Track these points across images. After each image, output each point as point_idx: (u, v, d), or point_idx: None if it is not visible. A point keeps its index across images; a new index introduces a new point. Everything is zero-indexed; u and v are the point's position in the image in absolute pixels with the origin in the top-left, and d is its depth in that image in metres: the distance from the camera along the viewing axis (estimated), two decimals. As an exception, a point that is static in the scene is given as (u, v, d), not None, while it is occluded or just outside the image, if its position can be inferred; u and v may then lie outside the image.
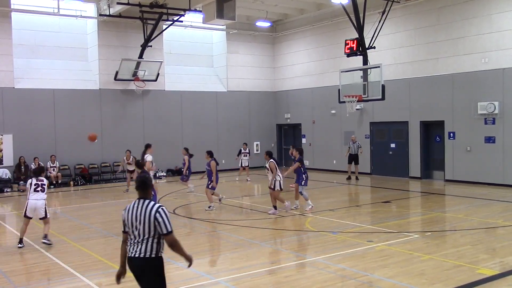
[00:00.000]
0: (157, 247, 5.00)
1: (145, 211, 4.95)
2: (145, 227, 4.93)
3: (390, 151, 21.02)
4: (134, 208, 5.03)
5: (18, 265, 8.74)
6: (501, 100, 17.03)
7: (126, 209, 5.11)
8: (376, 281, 7.43)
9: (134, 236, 5.00)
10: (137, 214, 4.97)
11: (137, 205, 5.03)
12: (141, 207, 4.99)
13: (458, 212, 12.95)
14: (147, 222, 4.93)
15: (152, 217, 4.93)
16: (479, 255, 8.73)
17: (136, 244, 4.98)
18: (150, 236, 4.95)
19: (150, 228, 4.94)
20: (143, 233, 4.94)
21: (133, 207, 5.04)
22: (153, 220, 4.92)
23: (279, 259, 8.69)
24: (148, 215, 4.94)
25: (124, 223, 5.10)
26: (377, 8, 18.77)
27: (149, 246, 4.96)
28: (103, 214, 13.97)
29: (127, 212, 5.07)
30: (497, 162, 17.30)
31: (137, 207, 5.02)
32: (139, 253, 4.95)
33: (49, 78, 20.83)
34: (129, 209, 5.07)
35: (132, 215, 5.01)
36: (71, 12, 21.39)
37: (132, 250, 5.00)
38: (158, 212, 4.94)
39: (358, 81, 17.31)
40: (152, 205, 5.00)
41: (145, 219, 4.94)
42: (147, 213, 4.94)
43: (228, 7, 18.12)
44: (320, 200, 15.31)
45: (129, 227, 5.03)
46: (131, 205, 5.09)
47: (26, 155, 19.48)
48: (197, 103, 24.15)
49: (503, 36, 16.95)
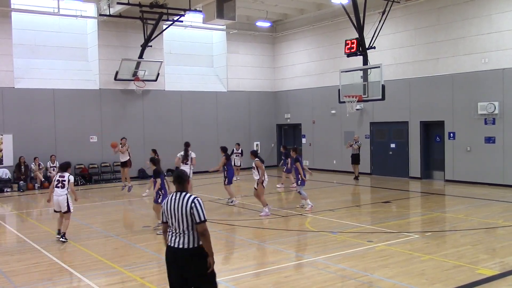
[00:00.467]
0: (199, 237, 5.24)
1: (183, 203, 5.25)
2: (184, 218, 5.22)
3: (390, 151, 21.01)
4: (173, 201, 5.33)
5: (18, 265, 8.74)
6: (501, 100, 17.03)
7: (165, 201, 5.42)
8: (376, 281, 7.43)
9: (175, 228, 5.28)
10: (176, 206, 5.27)
11: (176, 198, 5.33)
12: (179, 199, 5.29)
13: (458, 212, 12.95)
14: (185, 213, 5.22)
15: (189, 207, 5.22)
16: (479, 255, 8.73)
17: (178, 236, 5.25)
18: (191, 228, 5.22)
19: (188, 219, 5.21)
20: (183, 224, 5.22)
21: (172, 200, 5.35)
22: (189, 210, 5.21)
23: (279, 259, 8.69)
24: (185, 206, 5.22)
25: (164, 214, 5.39)
26: (377, 8, 18.77)
27: (191, 237, 5.22)
28: (103, 214, 13.97)
29: (166, 204, 5.38)
30: (497, 162, 17.30)
31: (175, 199, 5.32)
32: (182, 244, 5.20)
33: (49, 78, 20.83)
34: (168, 201, 5.37)
35: (171, 207, 5.30)
36: (71, 12, 21.39)
37: (175, 241, 5.25)
38: (193, 202, 5.24)
39: (358, 81, 17.30)
40: (189, 196, 5.31)
41: (183, 211, 5.22)
42: (184, 205, 5.23)
43: (228, 7, 18.12)
44: (320, 200, 15.31)
45: (169, 218, 5.32)
46: (170, 198, 5.40)
47: (26, 155, 19.48)
48: (197, 103, 24.15)
49: (503, 36, 16.96)
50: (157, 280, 7.68)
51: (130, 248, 9.82)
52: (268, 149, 26.32)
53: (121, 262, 8.76)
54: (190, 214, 5.20)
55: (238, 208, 14.35)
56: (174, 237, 5.27)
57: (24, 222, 13.41)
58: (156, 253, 9.33)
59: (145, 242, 10.28)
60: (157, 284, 7.47)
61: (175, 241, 5.24)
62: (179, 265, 5.23)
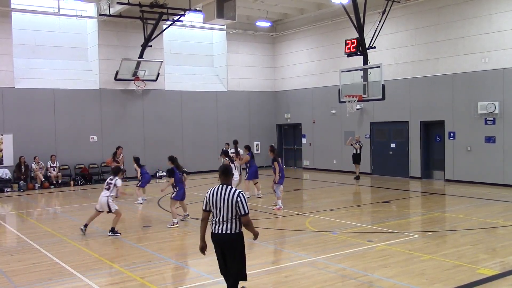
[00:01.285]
0: (240, 224, 6.10)
1: (228, 195, 5.99)
2: (229, 209, 5.99)
3: (390, 151, 21.01)
4: (218, 192, 6.06)
5: (18, 265, 8.73)
6: (501, 100, 17.02)
7: (210, 192, 6.12)
8: (376, 281, 7.43)
9: (218, 217, 6.05)
10: (221, 197, 6.01)
11: (221, 190, 6.06)
12: (225, 192, 6.03)
13: (458, 212, 12.94)
14: (230, 205, 5.98)
15: (234, 200, 5.97)
16: (479, 255, 8.73)
17: (221, 223, 6.05)
18: (233, 216, 6.02)
19: (233, 210, 5.99)
20: (227, 213, 6.00)
21: (218, 191, 6.06)
22: (235, 203, 5.97)
23: (279, 259, 8.68)
24: (231, 198, 5.98)
25: (207, 204, 6.13)
26: (377, 8, 18.76)
27: (233, 224, 6.05)
28: (103, 214, 13.92)
29: (211, 194, 6.10)
30: (497, 162, 17.30)
31: (221, 191, 6.05)
32: (225, 230, 6.04)
33: (49, 78, 20.82)
34: (213, 192, 6.09)
35: (216, 197, 6.04)
36: (71, 12, 21.38)
37: (218, 228, 6.07)
38: (239, 196, 6.00)
39: (358, 81, 17.30)
40: (234, 190, 6.05)
41: (228, 202, 5.98)
42: (229, 197, 5.98)
43: (228, 7, 18.11)
44: (320, 200, 15.31)
45: (213, 208, 6.07)
46: (215, 189, 6.10)
47: (26, 155, 19.48)
48: (197, 103, 24.14)
49: (503, 36, 16.95)
50: (157, 280, 7.68)
51: (130, 248, 9.81)
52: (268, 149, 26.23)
53: (121, 262, 8.76)
54: (235, 207, 5.97)
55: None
56: (217, 224, 6.08)
57: (24, 222, 13.41)
58: (156, 253, 9.33)
59: (145, 242, 10.28)
60: (157, 284, 7.48)
61: (219, 228, 6.06)
62: (222, 247, 6.12)
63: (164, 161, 22.76)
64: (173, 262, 8.69)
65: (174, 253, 9.61)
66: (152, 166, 22.71)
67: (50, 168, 19.93)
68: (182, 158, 17.96)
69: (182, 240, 10.96)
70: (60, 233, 11.27)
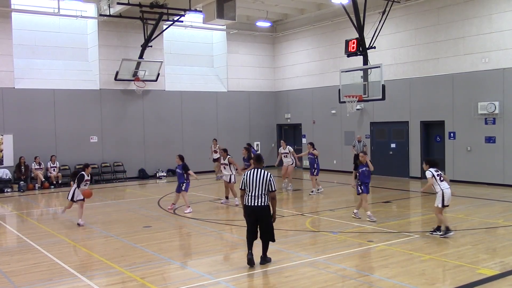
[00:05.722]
0: (268, 199, 8.07)
1: (262, 176, 8.04)
2: (262, 186, 8.00)
3: (390, 151, 21.01)
4: (254, 174, 8.07)
5: (18, 265, 8.73)
6: (501, 100, 17.02)
7: (246, 174, 8.12)
8: (376, 281, 7.42)
9: (253, 193, 8.01)
10: (257, 178, 8.02)
11: (256, 172, 8.08)
12: (259, 173, 8.06)
13: (458, 212, 12.94)
14: (264, 183, 8.00)
15: (267, 179, 8.02)
16: (479, 255, 8.73)
17: (256, 198, 8.00)
18: (265, 193, 8.02)
19: (265, 187, 8.00)
20: (260, 190, 7.99)
21: (253, 173, 8.08)
22: (268, 181, 8.01)
23: (279, 259, 8.68)
24: (265, 178, 8.03)
25: (244, 183, 8.09)
26: (377, 8, 18.76)
27: (265, 198, 8.03)
28: (103, 214, 13.96)
29: (248, 176, 8.08)
30: (497, 162, 17.29)
31: (257, 173, 8.07)
32: (260, 203, 8.00)
33: (49, 78, 20.83)
34: (250, 174, 8.10)
35: (252, 178, 8.04)
36: (71, 12, 21.38)
37: (254, 201, 8.01)
38: (270, 176, 8.08)
39: (358, 81, 17.30)
40: (267, 172, 8.10)
41: (262, 181, 8.01)
42: (263, 177, 8.03)
43: (228, 7, 18.11)
44: (320, 200, 15.30)
45: (249, 186, 8.04)
46: (250, 172, 8.13)
47: (26, 155, 19.48)
48: (197, 103, 24.14)
49: (503, 36, 16.95)
50: (157, 280, 7.68)
51: (130, 248, 9.81)
52: (268, 149, 26.28)
53: (121, 262, 8.76)
54: (268, 184, 7.99)
55: (240, 208, 14.32)
56: (252, 198, 8.01)
57: (24, 222, 13.40)
58: (156, 253, 9.32)
59: (145, 242, 10.28)
60: (157, 285, 7.47)
61: (253, 201, 8.00)
62: (255, 217, 8.04)
63: (164, 161, 23.10)
64: (173, 262, 8.69)
65: (174, 253, 9.60)
66: (152, 166, 22.75)
67: (50, 168, 19.93)
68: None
69: (182, 240, 10.96)
70: (60, 234, 11.26)
